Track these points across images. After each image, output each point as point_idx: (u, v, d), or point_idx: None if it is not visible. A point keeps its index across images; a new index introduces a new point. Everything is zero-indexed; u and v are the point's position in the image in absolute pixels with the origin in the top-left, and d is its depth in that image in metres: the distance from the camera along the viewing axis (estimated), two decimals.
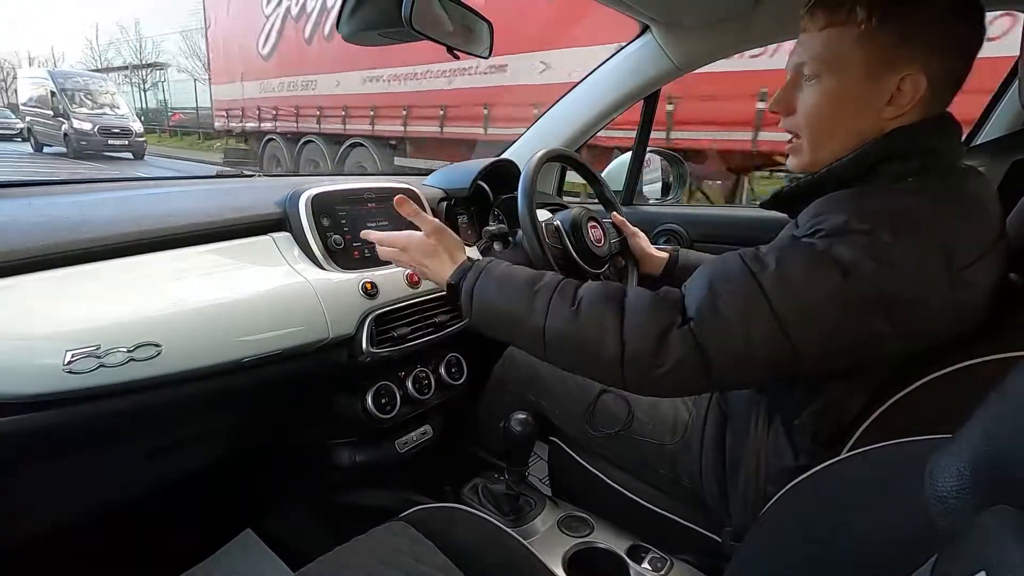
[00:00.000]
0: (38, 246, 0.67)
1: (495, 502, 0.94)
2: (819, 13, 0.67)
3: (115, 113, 13.17)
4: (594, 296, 0.68)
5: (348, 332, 0.90)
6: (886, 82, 0.64)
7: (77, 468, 0.78)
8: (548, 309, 0.69)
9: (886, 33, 0.63)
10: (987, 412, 0.35)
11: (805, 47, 0.70)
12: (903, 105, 0.64)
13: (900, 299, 0.57)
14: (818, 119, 0.70)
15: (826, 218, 0.61)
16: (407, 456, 1.09)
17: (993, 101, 1.35)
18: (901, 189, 0.63)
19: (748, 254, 0.64)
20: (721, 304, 0.61)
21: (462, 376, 1.14)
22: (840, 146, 0.69)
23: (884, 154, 0.65)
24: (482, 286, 0.75)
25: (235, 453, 1.07)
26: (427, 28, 0.89)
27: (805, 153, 0.72)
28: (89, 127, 12.24)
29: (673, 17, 1.24)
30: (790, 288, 0.59)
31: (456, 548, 0.71)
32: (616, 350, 0.63)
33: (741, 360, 0.60)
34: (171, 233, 0.79)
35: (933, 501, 0.36)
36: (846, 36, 0.65)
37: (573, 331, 0.66)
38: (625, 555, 0.81)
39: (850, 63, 0.65)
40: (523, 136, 1.64)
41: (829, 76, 0.67)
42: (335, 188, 0.99)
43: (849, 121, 0.68)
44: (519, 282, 0.73)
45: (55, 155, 12.87)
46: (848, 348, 0.60)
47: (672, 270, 1.19)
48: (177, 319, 0.71)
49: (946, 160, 0.66)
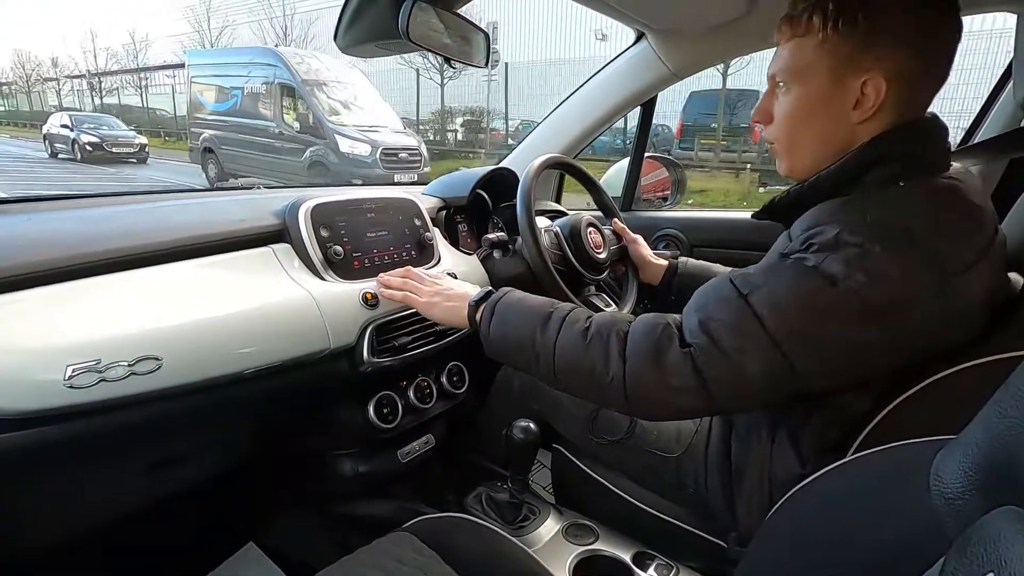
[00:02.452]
0: (38, 261, 0.67)
1: (499, 511, 0.93)
2: (784, 26, 0.71)
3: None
4: (602, 322, 0.70)
5: (349, 342, 0.90)
6: (849, 87, 0.66)
7: (78, 483, 0.78)
8: (559, 334, 0.71)
9: (845, 40, 0.65)
10: (992, 412, 0.35)
11: (777, 59, 0.72)
12: (868, 108, 0.65)
13: (891, 310, 0.57)
14: (788, 126, 0.72)
15: (819, 231, 0.62)
16: (410, 466, 1.09)
17: (990, 99, 1.36)
18: (889, 196, 0.63)
19: (738, 277, 0.66)
20: (714, 327, 0.62)
21: (464, 385, 1.14)
22: (812, 151, 0.71)
23: (866, 161, 0.66)
24: (499, 312, 0.77)
25: (236, 465, 1.07)
26: (424, 39, 0.90)
27: (783, 159, 0.75)
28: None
29: (668, 24, 1.25)
30: (781, 306, 0.60)
31: (460, 558, 0.71)
32: (619, 373, 0.65)
33: (739, 382, 0.61)
34: (171, 247, 0.79)
35: (940, 502, 0.36)
36: (808, 45, 0.68)
37: (581, 355, 0.68)
38: (631, 562, 0.80)
39: (813, 71, 0.68)
40: (521, 144, 1.64)
41: (796, 84, 0.70)
42: (334, 199, 0.99)
43: (817, 127, 0.70)
44: (534, 309, 0.75)
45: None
46: (844, 363, 0.60)
47: (672, 278, 1.19)
48: (177, 332, 0.71)
49: (930, 162, 0.66)
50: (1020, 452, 0.31)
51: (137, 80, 23.73)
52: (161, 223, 0.83)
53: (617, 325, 0.69)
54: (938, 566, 0.34)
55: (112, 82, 25.47)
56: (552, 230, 1.20)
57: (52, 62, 28.35)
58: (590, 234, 1.20)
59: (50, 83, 29.10)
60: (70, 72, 28.68)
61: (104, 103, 24.91)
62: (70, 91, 28.79)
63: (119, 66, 25.11)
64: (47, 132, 14.39)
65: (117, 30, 26.51)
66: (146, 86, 23.55)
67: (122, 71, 24.73)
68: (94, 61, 25.86)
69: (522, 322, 0.74)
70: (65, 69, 29.16)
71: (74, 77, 27.96)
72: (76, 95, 28.29)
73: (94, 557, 1.05)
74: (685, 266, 1.19)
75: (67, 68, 28.67)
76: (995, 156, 1.19)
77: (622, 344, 0.66)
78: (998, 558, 0.29)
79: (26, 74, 28.74)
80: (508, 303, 0.78)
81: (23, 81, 29.02)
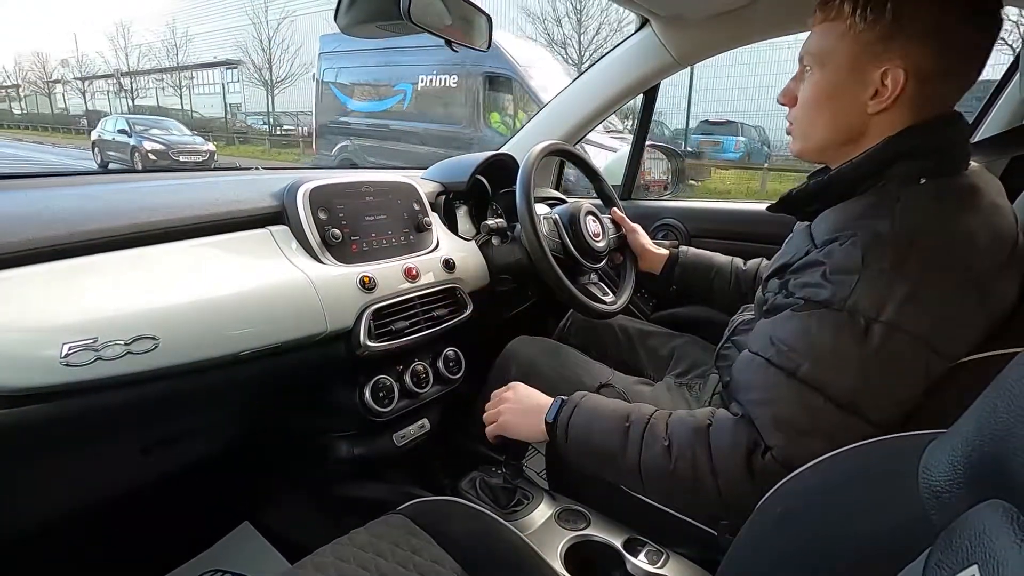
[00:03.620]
0: (35, 238, 0.66)
1: (492, 495, 0.94)
2: (818, 9, 0.70)
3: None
4: (683, 433, 0.67)
5: (346, 325, 0.90)
6: (869, 76, 0.65)
7: (74, 461, 0.78)
8: (641, 447, 0.69)
9: (871, 29, 0.64)
10: (982, 406, 0.36)
11: (808, 42, 0.72)
12: (885, 100, 0.65)
13: (939, 330, 0.57)
14: (807, 109, 0.72)
15: (842, 240, 0.62)
16: (405, 449, 1.09)
17: (992, 96, 1.35)
18: (914, 198, 0.62)
19: (775, 355, 0.63)
20: (784, 421, 0.60)
21: (460, 370, 1.14)
22: (822, 135, 0.71)
23: (893, 154, 0.65)
24: (576, 421, 0.76)
25: (232, 446, 1.07)
26: (425, 20, 0.89)
27: (796, 140, 0.75)
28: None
29: (672, 11, 1.24)
30: (832, 370, 0.59)
31: (453, 541, 0.72)
32: (712, 488, 0.64)
33: (826, 450, 0.57)
34: (168, 226, 0.79)
35: (927, 495, 0.37)
36: (835, 30, 0.67)
37: (667, 471, 0.66)
38: (622, 548, 0.81)
39: (836, 56, 0.67)
40: (522, 130, 1.63)
41: (819, 69, 0.70)
42: (333, 181, 0.99)
43: (831, 111, 0.70)
44: (610, 416, 0.74)
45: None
46: (913, 392, 0.59)
47: (672, 268, 1.19)
48: (174, 312, 0.71)
49: (955, 160, 0.65)
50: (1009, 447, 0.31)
51: (178, 79, 22.09)
52: (159, 202, 0.82)
53: (698, 436, 0.66)
54: (923, 558, 0.34)
55: (145, 81, 23.84)
56: (551, 217, 1.19)
57: (77, 60, 26.84)
58: (589, 222, 1.20)
59: (71, 84, 27.56)
60: (96, 71, 27.00)
61: (136, 104, 23.36)
62: (90, 92, 27.16)
63: (153, 64, 23.32)
64: (97, 138, 12.77)
65: (154, 24, 24.37)
66: (188, 86, 22.02)
67: (160, 69, 22.92)
68: (125, 59, 24.20)
69: (602, 442, 0.73)
70: (91, 68, 27.51)
71: (104, 77, 26.35)
72: (106, 96, 26.73)
73: (90, 534, 1.06)
74: (686, 256, 1.19)
75: (95, 66, 27.01)
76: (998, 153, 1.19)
77: (709, 460, 0.64)
78: (983, 551, 0.29)
79: (46, 74, 27.25)
80: (580, 426, 0.75)
81: (42, 82, 27.56)
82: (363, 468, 1.11)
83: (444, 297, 1.08)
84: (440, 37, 0.97)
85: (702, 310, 1.37)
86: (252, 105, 20.81)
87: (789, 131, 0.77)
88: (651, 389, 1.04)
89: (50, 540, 0.97)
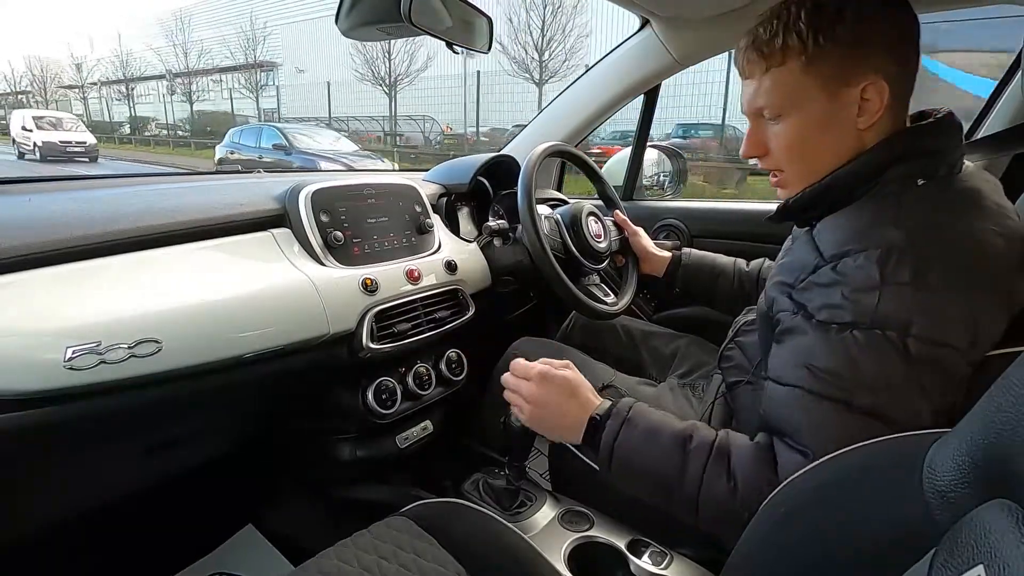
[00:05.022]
0: (39, 242, 0.67)
1: (495, 497, 0.94)
2: (755, 59, 0.68)
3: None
4: (749, 472, 0.63)
5: (348, 328, 0.90)
6: (847, 97, 0.65)
7: (77, 464, 0.78)
8: (703, 480, 0.64)
9: (830, 54, 0.63)
10: (987, 405, 0.35)
11: (757, 92, 0.70)
12: (875, 112, 0.64)
13: (965, 337, 0.57)
14: (798, 152, 0.70)
15: (854, 255, 0.60)
16: (408, 451, 1.09)
17: (995, 94, 1.35)
18: (919, 200, 0.62)
19: (818, 387, 0.60)
20: (820, 443, 0.58)
21: (462, 372, 1.14)
22: (826, 166, 0.69)
23: (886, 159, 0.64)
24: (625, 439, 0.70)
25: (235, 449, 1.07)
26: (426, 23, 0.89)
27: (794, 185, 0.72)
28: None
29: (673, 11, 1.24)
30: (887, 392, 0.57)
31: (457, 543, 0.72)
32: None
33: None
34: (171, 229, 0.79)
35: (932, 495, 0.36)
36: (791, 71, 0.66)
37: (733, 510, 0.62)
38: (625, 549, 0.81)
39: (806, 94, 0.66)
40: (523, 131, 1.63)
41: (792, 112, 0.68)
42: (335, 184, 0.99)
43: (826, 144, 0.68)
44: (667, 439, 0.68)
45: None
46: (957, 398, 0.58)
47: (675, 270, 1.19)
48: (177, 315, 0.71)
49: (950, 161, 0.65)
50: (1014, 446, 0.31)
51: (254, 77, 21.08)
52: (162, 206, 0.83)
53: (763, 463, 0.62)
54: (928, 558, 0.34)
55: (205, 83, 23.19)
56: (553, 218, 1.20)
57: (122, 61, 26.35)
58: (591, 223, 1.20)
59: (75, 89, 27.49)
60: (100, 77, 26.92)
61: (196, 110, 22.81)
62: (84, 99, 27.06)
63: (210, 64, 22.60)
64: (228, 155, 9.66)
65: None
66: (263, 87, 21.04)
67: (221, 69, 22.11)
68: (184, 57, 23.35)
69: (654, 468, 0.68)
70: (91, 74, 27.40)
71: (156, 78, 25.53)
72: (102, 103, 26.64)
73: (93, 537, 1.06)
74: (688, 257, 1.19)
75: (139, 68, 26.40)
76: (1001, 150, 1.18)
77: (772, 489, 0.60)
78: (988, 550, 0.29)
79: (81, 78, 27.03)
80: (636, 424, 0.70)
81: (43, 92, 27.40)
82: (366, 470, 1.11)
83: (446, 299, 1.09)
84: (441, 39, 0.97)
85: (704, 311, 1.37)
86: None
87: (776, 179, 0.74)
88: (654, 390, 1.04)
89: (53, 543, 0.97)
